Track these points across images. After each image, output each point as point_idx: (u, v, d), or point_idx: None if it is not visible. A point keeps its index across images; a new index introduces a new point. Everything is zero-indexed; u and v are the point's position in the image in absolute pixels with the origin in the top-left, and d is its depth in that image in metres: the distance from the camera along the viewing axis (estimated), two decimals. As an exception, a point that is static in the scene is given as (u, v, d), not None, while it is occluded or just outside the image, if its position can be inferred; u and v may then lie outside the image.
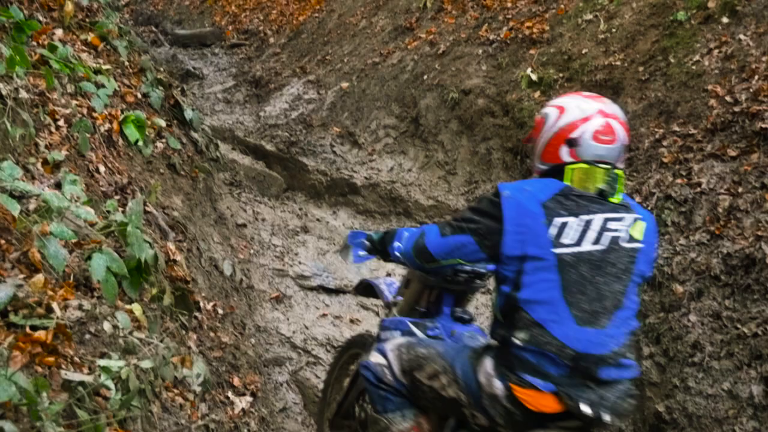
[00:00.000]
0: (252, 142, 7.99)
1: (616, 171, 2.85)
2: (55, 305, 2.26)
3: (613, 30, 6.43)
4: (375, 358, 3.31)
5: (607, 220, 2.81)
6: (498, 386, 2.80)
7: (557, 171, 2.90)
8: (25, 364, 1.95)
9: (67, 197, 2.79)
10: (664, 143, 5.09)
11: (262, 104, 9.19)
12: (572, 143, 2.88)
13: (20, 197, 2.62)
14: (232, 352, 3.86)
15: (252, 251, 5.65)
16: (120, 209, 3.47)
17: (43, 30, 4.17)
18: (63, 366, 2.10)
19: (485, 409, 2.89)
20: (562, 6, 7.21)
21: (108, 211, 3.34)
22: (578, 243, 2.77)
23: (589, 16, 6.79)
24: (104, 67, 4.61)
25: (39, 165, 3.28)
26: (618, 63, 6.15)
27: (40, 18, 4.33)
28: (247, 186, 6.71)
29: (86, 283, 2.77)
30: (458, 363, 2.99)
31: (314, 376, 4.97)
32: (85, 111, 4.11)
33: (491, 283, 3.23)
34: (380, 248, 3.37)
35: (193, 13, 14.04)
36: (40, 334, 2.09)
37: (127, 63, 5.18)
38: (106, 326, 2.43)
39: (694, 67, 5.45)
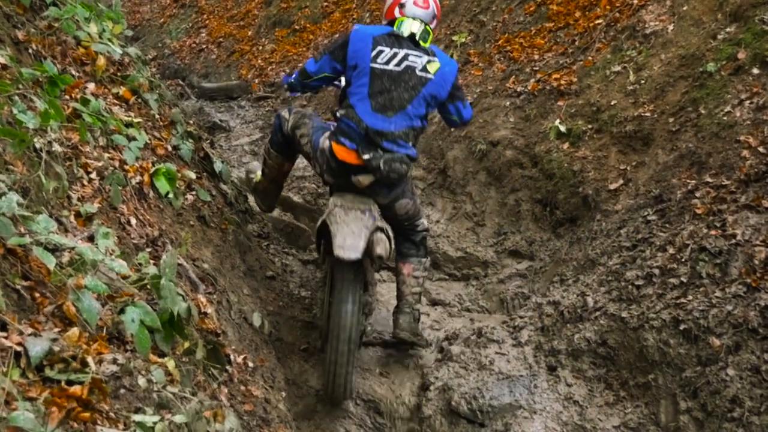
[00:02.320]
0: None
1: (427, 27, 4.89)
2: (90, 359, 2.23)
3: (642, 81, 6.42)
4: (284, 112, 5.38)
5: (408, 54, 4.76)
6: (326, 144, 4.79)
7: (392, 23, 4.94)
8: (61, 420, 1.92)
9: (102, 250, 2.79)
10: (697, 194, 5.04)
11: (289, 156, 9.23)
12: (401, 6, 4.93)
13: (54, 250, 2.61)
14: (263, 405, 3.82)
15: (281, 303, 5.62)
16: (152, 261, 3.46)
17: (76, 84, 4.20)
18: (99, 422, 2.07)
19: (317, 159, 4.92)
20: (590, 58, 7.21)
21: (140, 264, 3.33)
22: (386, 63, 4.72)
23: (618, 68, 6.78)
24: (135, 120, 4.65)
25: (72, 218, 3.28)
26: (648, 114, 6.12)
27: (73, 72, 4.37)
28: (275, 238, 6.69)
29: (119, 336, 2.74)
30: (315, 135, 4.97)
31: (344, 429, 4.91)
32: (116, 163, 4.12)
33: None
34: (292, 89, 5.31)
35: (219, 66, 14.16)
36: (75, 389, 2.06)
37: (157, 116, 5.21)
38: (141, 381, 2.40)
39: (725, 118, 5.41)
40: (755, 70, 5.56)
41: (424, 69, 4.76)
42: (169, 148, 5.08)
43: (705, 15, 6.44)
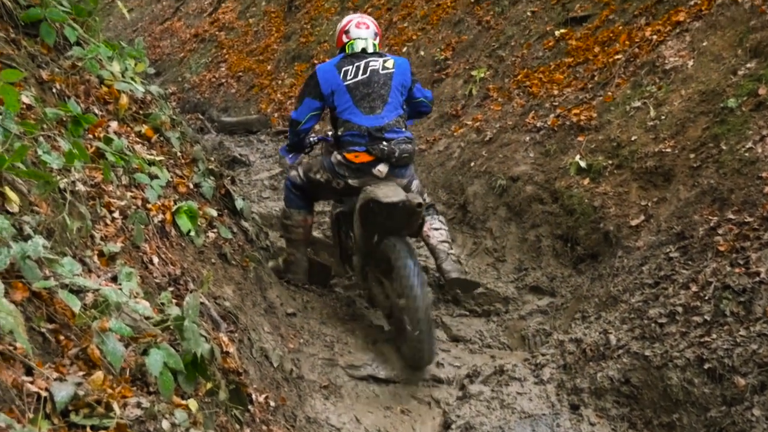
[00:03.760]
0: (299, 229, 8.01)
1: (373, 42, 5.88)
2: (114, 404, 2.23)
3: (663, 117, 6.40)
4: (293, 171, 6.21)
5: (367, 62, 5.71)
6: (339, 157, 5.61)
7: (344, 48, 5.93)
8: (86, 468, 1.92)
9: (126, 292, 2.79)
10: (720, 231, 5.00)
11: (309, 191, 9.25)
12: (347, 32, 5.95)
13: (78, 292, 2.62)
14: (285, 446, 3.80)
15: (302, 340, 5.59)
16: (174, 301, 3.46)
17: (99, 123, 4.22)
18: (124, 468, 2.06)
19: (337, 172, 5.68)
20: (610, 93, 7.21)
21: (162, 304, 3.33)
22: (355, 76, 5.64)
23: (638, 104, 6.77)
24: (157, 158, 4.66)
25: (95, 258, 3.28)
26: (668, 150, 6.10)
27: (96, 111, 4.39)
28: (295, 274, 6.68)
29: (141, 378, 2.74)
30: (325, 161, 5.85)
31: (365, 467, 4.88)
32: (139, 202, 4.14)
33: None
34: (292, 149, 6.33)
35: (239, 100, 14.25)
36: (100, 435, 2.06)
37: (179, 153, 5.24)
38: (165, 424, 2.39)
39: (747, 155, 5.38)
40: (776, 106, 5.55)
41: (384, 67, 5.73)
42: (191, 186, 5.10)
43: (725, 51, 6.44)
